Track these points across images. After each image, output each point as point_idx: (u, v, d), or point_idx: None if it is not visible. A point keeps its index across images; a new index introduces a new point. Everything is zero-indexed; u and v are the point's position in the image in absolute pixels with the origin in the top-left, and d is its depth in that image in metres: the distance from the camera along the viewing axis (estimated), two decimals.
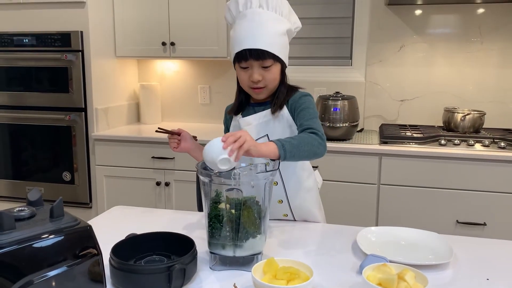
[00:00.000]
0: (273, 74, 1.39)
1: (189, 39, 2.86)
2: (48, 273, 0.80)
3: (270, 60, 1.36)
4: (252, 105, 1.50)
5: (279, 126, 1.43)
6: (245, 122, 1.46)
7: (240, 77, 1.42)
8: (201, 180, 1.14)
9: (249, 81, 1.39)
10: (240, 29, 1.36)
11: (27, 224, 0.83)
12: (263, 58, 1.35)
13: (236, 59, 1.38)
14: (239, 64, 1.39)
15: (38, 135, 2.87)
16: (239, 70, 1.41)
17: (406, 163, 2.39)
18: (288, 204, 1.48)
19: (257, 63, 1.36)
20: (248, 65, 1.37)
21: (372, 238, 1.31)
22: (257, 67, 1.36)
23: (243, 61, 1.36)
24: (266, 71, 1.38)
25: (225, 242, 1.11)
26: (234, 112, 1.50)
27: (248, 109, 1.50)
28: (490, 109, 2.79)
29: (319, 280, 1.07)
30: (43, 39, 2.77)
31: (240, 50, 1.35)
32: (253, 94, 1.45)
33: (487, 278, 1.10)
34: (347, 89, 2.87)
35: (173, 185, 2.76)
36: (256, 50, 1.33)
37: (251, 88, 1.41)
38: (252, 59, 1.35)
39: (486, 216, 2.34)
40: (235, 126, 1.51)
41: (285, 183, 1.47)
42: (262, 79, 1.38)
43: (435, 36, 2.85)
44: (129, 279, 0.99)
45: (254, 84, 1.39)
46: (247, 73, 1.39)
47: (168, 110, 3.33)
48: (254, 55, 1.34)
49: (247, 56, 1.35)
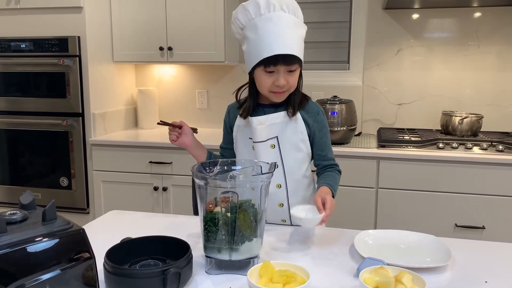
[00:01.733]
0: (296, 78, 1.40)
1: (186, 43, 2.86)
2: (40, 277, 0.79)
3: (296, 65, 1.37)
4: (261, 106, 1.49)
5: (290, 129, 1.45)
6: (258, 122, 1.45)
7: (263, 81, 1.38)
8: (196, 183, 1.13)
9: (273, 85, 1.37)
10: (267, 33, 1.33)
11: (19, 227, 0.82)
12: (292, 63, 1.35)
13: (263, 63, 1.34)
14: (265, 68, 1.36)
15: (35, 140, 2.86)
16: (262, 74, 1.37)
17: (404, 166, 2.38)
18: (288, 208, 1.47)
19: (285, 68, 1.35)
20: (275, 70, 1.35)
21: (370, 241, 1.30)
22: (283, 72, 1.36)
23: (272, 65, 1.34)
24: (290, 76, 1.37)
25: (221, 245, 1.10)
26: (245, 115, 1.47)
27: (257, 110, 1.48)
28: (488, 112, 2.79)
29: (316, 283, 1.05)
30: (40, 44, 2.76)
31: (271, 55, 1.32)
32: (273, 98, 1.43)
33: (486, 281, 1.09)
34: (344, 93, 2.86)
35: (170, 190, 2.75)
36: (288, 56, 1.32)
37: (273, 92, 1.40)
38: (281, 64, 1.34)
39: (484, 220, 2.33)
40: (241, 127, 1.50)
41: (288, 186, 1.46)
42: (287, 83, 1.37)
43: (432, 39, 2.85)
44: (123, 284, 0.98)
45: (279, 88, 1.38)
46: (271, 78, 1.37)
47: (166, 114, 3.32)
48: (285, 60, 1.33)
49: (278, 61, 1.33)
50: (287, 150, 1.46)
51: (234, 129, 1.53)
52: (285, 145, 1.46)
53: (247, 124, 1.48)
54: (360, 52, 2.95)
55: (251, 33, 1.37)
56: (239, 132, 1.52)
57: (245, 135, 1.50)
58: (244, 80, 3.37)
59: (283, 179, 1.46)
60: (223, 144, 1.63)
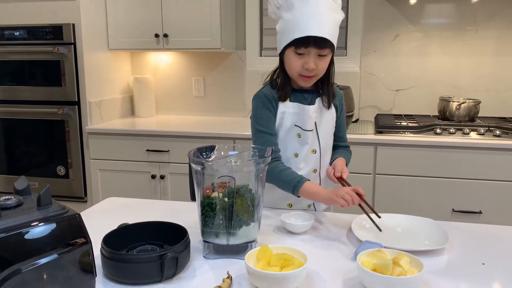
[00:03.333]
0: (326, 63, 1.38)
1: (182, 30, 2.83)
2: (36, 262, 0.78)
3: (327, 50, 1.35)
4: (296, 91, 1.46)
5: (327, 117, 1.48)
6: (314, 110, 1.45)
7: (292, 62, 1.37)
8: (193, 168, 1.12)
9: (302, 68, 1.36)
10: (302, 13, 1.31)
11: (14, 212, 0.81)
12: (324, 46, 1.33)
13: (294, 44, 1.34)
14: (296, 49, 1.34)
15: (32, 129, 2.85)
16: (293, 56, 1.36)
17: (401, 152, 2.38)
18: None
19: (316, 51, 1.34)
20: (306, 52, 1.34)
21: (367, 225, 1.30)
22: (314, 55, 1.34)
23: (303, 47, 1.33)
24: (320, 60, 1.36)
25: (219, 230, 1.09)
26: (283, 98, 1.43)
27: (294, 95, 1.45)
28: (486, 97, 2.78)
29: (314, 267, 1.06)
30: (35, 32, 2.73)
31: (303, 36, 1.31)
32: (301, 82, 1.42)
33: (483, 263, 1.09)
34: (342, 80, 2.85)
35: (168, 178, 2.75)
36: (320, 38, 1.31)
37: (301, 75, 1.38)
38: (313, 46, 1.32)
39: (482, 204, 2.34)
40: (291, 113, 1.44)
41: (321, 171, 1.51)
42: (316, 67, 1.36)
43: (430, 25, 2.84)
44: (121, 269, 0.98)
45: (307, 72, 1.36)
46: (301, 60, 1.35)
47: (162, 103, 3.31)
48: (317, 42, 1.31)
49: (309, 43, 1.32)
50: (323, 136, 1.49)
51: (278, 115, 1.44)
52: (321, 130, 1.48)
53: (298, 111, 1.43)
54: (358, 38, 2.92)
55: (286, 13, 1.36)
56: (284, 119, 1.44)
57: (292, 121, 1.44)
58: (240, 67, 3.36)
59: (319, 164, 1.49)
60: (270, 131, 1.43)
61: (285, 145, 1.45)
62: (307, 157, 1.47)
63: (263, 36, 3.10)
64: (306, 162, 1.48)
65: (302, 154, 1.46)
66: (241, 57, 3.11)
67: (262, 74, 3.02)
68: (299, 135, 1.45)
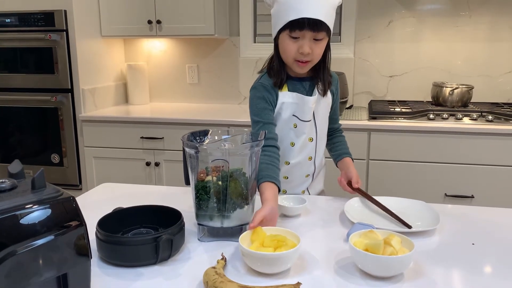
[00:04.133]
0: (321, 48, 1.35)
1: (175, 16, 2.81)
2: (31, 243, 0.79)
3: (323, 33, 1.31)
4: (292, 79, 1.44)
5: (323, 105, 1.47)
6: (313, 101, 1.43)
7: (287, 47, 1.34)
8: (187, 152, 1.12)
9: (297, 52, 1.33)
10: None
11: (8, 195, 0.81)
12: (319, 29, 1.29)
13: (289, 27, 1.30)
14: (290, 33, 1.31)
15: (25, 117, 2.84)
16: (287, 40, 1.33)
17: (395, 138, 2.40)
18: (312, 179, 1.53)
19: (311, 35, 1.30)
20: (300, 36, 1.31)
21: (360, 207, 1.31)
22: (309, 39, 1.31)
23: (298, 30, 1.29)
24: (316, 45, 1.33)
25: (213, 213, 1.10)
26: (279, 86, 1.41)
27: (291, 83, 1.42)
28: (478, 83, 2.80)
29: (307, 249, 1.07)
30: (26, 19, 2.71)
31: (297, 18, 1.27)
32: (295, 68, 1.38)
33: (473, 243, 1.11)
34: (336, 66, 2.84)
35: (163, 165, 2.75)
36: (314, 20, 1.27)
37: (296, 60, 1.35)
38: (307, 29, 1.29)
39: (474, 189, 2.37)
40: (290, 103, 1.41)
41: (317, 158, 1.50)
42: (311, 52, 1.33)
43: (424, 10, 2.83)
44: (116, 251, 0.99)
45: (302, 56, 1.33)
46: (296, 44, 1.32)
47: (156, 90, 3.29)
48: (312, 25, 1.28)
49: (304, 25, 1.28)
50: (320, 123, 1.48)
51: (278, 105, 1.42)
52: (318, 119, 1.47)
53: (297, 101, 1.41)
54: (351, 24, 2.92)
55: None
56: (283, 109, 1.42)
57: (291, 112, 1.42)
58: (234, 53, 3.34)
59: (314, 151, 1.49)
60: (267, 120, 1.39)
61: (282, 135, 1.42)
62: (304, 145, 1.47)
63: (257, 22, 3.08)
64: (302, 150, 1.48)
65: (299, 144, 1.46)
66: (235, 43, 3.10)
67: (256, 61, 3.02)
68: (295, 125, 1.43)
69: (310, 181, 1.54)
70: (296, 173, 1.49)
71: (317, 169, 1.54)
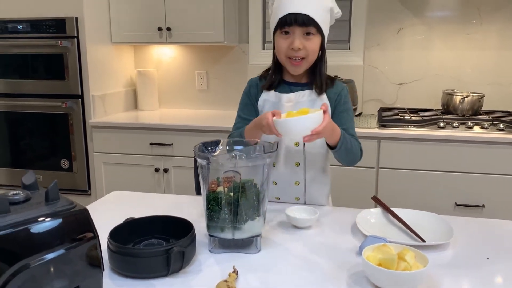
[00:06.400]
0: (314, 44, 1.36)
1: (185, 24, 2.82)
2: (44, 257, 0.79)
3: (313, 28, 1.34)
4: (288, 83, 1.45)
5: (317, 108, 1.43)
6: (287, 99, 1.42)
7: (279, 44, 1.37)
8: (198, 163, 1.12)
9: (288, 49, 1.35)
10: None
11: (22, 207, 0.81)
12: (307, 24, 1.32)
13: (279, 25, 1.35)
14: (280, 30, 1.35)
15: (35, 123, 2.85)
16: (279, 38, 1.37)
17: (405, 146, 2.38)
18: (304, 187, 1.48)
19: (300, 30, 1.33)
20: (291, 31, 1.34)
21: (372, 219, 1.30)
22: (299, 34, 1.34)
23: (286, 26, 1.34)
24: (307, 40, 1.35)
25: (224, 224, 1.10)
26: (267, 88, 1.45)
27: (283, 87, 1.45)
28: (489, 91, 2.78)
29: (319, 261, 1.06)
30: (38, 26, 2.73)
31: (284, 14, 1.32)
32: (290, 67, 1.40)
33: (487, 257, 1.10)
34: (345, 73, 2.84)
35: (171, 171, 2.75)
36: (301, 15, 1.31)
37: (290, 58, 1.37)
38: (295, 25, 1.33)
39: (484, 198, 2.34)
40: (270, 102, 1.44)
41: (306, 165, 1.46)
42: (303, 48, 1.34)
43: (434, 18, 2.82)
44: (128, 263, 0.99)
45: (294, 52, 1.35)
46: (287, 40, 1.35)
47: (166, 96, 3.31)
48: (299, 20, 1.32)
49: (291, 21, 1.32)
50: None
51: (260, 103, 1.47)
52: None
53: (275, 99, 1.44)
54: (361, 31, 2.91)
55: (275, 1, 1.40)
56: (265, 107, 1.46)
57: (269, 110, 1.41)
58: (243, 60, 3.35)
59: (303, 157, 1.45)
60: (243, 115, 1.48)
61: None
62: (288, 150, 1.43)
63: (266, 30, 3.09)
64: (287, 155, 1.44)
65: (282, 147, 1.43)
66: (244, 50, 3.10)
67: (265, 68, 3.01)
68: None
69: (303, 189, 1.49)
70: (282, 178, 1.47)
71: (309, 177, 1.47)
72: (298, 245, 1.16)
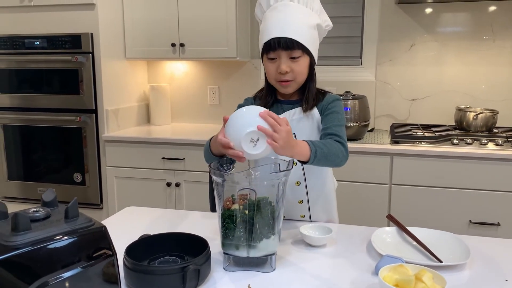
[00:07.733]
0: (301, 66, 1.36)
1: (198, 40, 2.86)
2: (63, 275, 0.80)
3: (298, 51, 1.33)
4: (280, 102, 1.46)
5: (308, 126, 1.41)
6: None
7: (268, 69, 1.39)
8: (214, 180, 1.13)
9: (276, 73, 1.36)
10: (269, 20, 1.35)
11: (43, 225, 0.82)
12: (292, 48, 1.32)
13: (264, 50, 1.36)
14: (267, 55, 1.36)
15: (49, 136, 2.89)
16: (267, 63, 1.38)
17: (418, 162, 2.37)
18: (308, 205, 1.47)
19: (285, 53, 1.33)
20: (276, 56, 1.34)
21: (387, 238, 1.29)
22: (285, 58, 1.33)
23: (271, 51, 1.34)
24: (294, 63, 1.34)
25: (239, 242, 1.10)
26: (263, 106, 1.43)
27: (276, 106, 1.46)
28: (503, 107, 2.76)
29: (334, 280, 1.05)
30: (54, 42, 2.78)
31: (268, 39, 1.32)
32: (280, 88, 1.41)
33: (506, 279, 1.08)
34: (357, 89, 2.85)
35: (183, 186, 2.76)
36: (285, 39, 1.31)
37: (278, 81, 1.38)
38: (280, 49, 1.32)
39: (499, 216, 2.31)
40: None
41: (308, 183, 1.45)
42: (290, 71, 1.34)
43: (446, 34, 2.82)
44: (143, 280, 0.99)
45: (282, 76, 1.35)
46: (274, 65, 1.36)
47: (178, 111, 3.33)
48: (283, 44, 1.31)
49: (275, 46, 1.32)
50: None
51: None
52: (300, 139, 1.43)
53: None
54: (373, 47, 2.92)
55: (262, 24, 1.40)
56: None
57: None
58: (255, 76, 3.38)
59: (302, 176, 1.44)
60: None
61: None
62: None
63: None
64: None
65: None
66: (256, 66, 3.12)
67: None
68: None
69: (307, 207, 1.48)
70: (285, 198, 1.44)
71: (313, 195, 1.46)
72: (313, 264, 1.16)
